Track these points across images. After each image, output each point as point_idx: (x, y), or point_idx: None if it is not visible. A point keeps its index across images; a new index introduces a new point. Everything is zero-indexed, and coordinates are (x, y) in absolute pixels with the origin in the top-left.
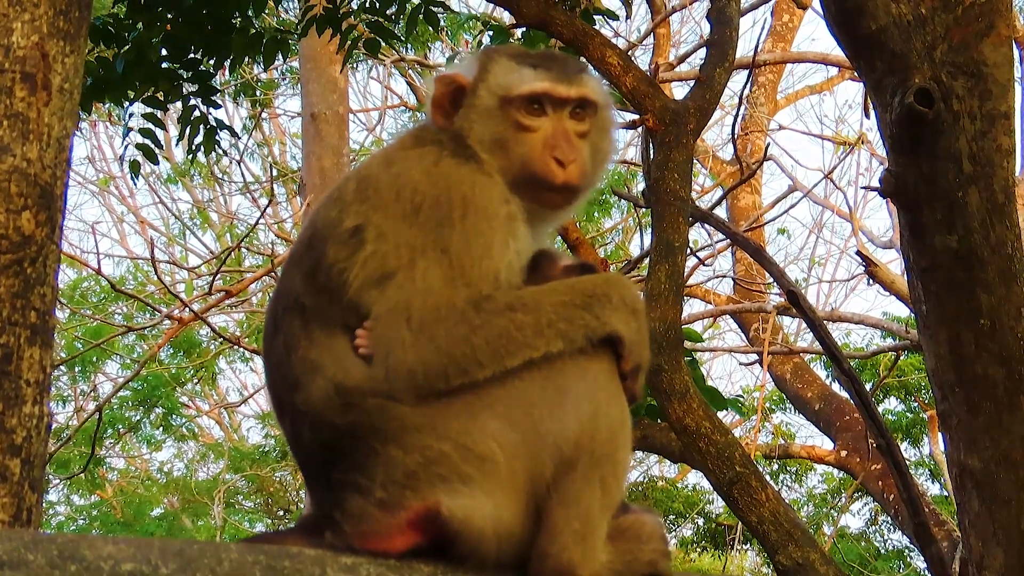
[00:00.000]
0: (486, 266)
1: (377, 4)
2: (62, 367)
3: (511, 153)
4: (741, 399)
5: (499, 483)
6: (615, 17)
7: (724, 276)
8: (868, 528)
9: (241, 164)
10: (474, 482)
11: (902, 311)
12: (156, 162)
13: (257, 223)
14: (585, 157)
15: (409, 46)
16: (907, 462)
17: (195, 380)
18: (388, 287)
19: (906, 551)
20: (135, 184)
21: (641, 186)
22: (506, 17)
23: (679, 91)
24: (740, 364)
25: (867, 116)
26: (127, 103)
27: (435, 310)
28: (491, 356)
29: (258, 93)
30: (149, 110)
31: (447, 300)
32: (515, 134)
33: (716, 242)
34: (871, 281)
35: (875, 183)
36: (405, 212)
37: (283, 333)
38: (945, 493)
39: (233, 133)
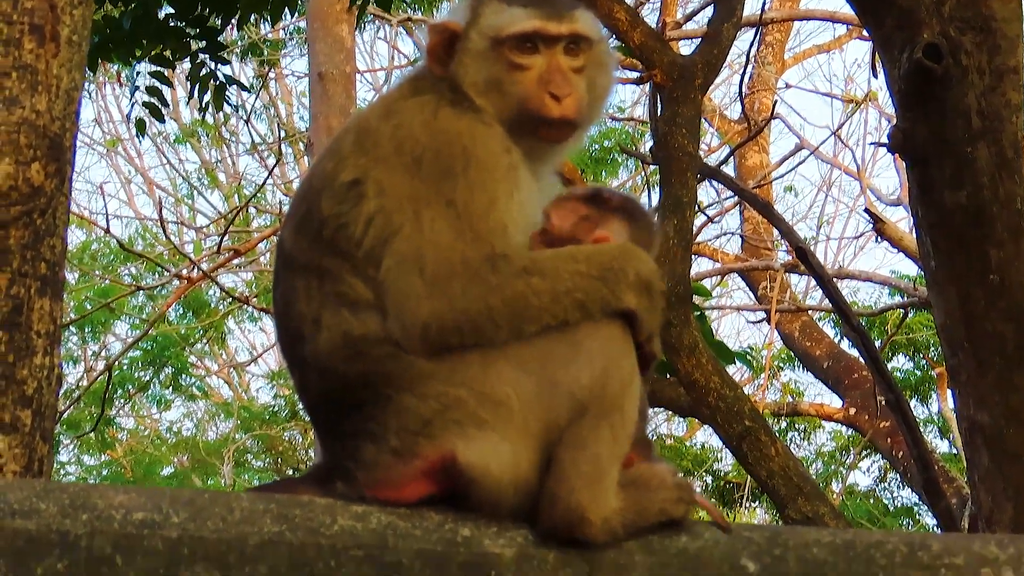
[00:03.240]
0: (493, 219)
1: None
2: (72, 328)
3: (506, 94)
4: (750, 352)
5: (514, 429)
6: None
7: (732, 234)
8: (877, 485)
9: (248, 124)
10: (489, 427)
11: (911, 269)
12: (163, 120)
13: (265, 183)
14: (581, 91)
15: (416, 6)
16: (916, 419)
17: (204, 340)
18: (395, 240)
19: (915, 508)
20: (140, 142)
21: (649, 144)
22: None
23: (686, 49)
24: (748, 322)
25: (875, 75)
26: (134, 61)
27: (448, 264)
28: (508, 319)
29: (265, 53)
30: (156, 68)
31: (460, 254)
32: (509, 74)
33: (724, 199)
34: (879, 238)
35: (884, 140)
36: (406, 165)
37: (281, 286)
38: (954, 451)
39: (242, 87)
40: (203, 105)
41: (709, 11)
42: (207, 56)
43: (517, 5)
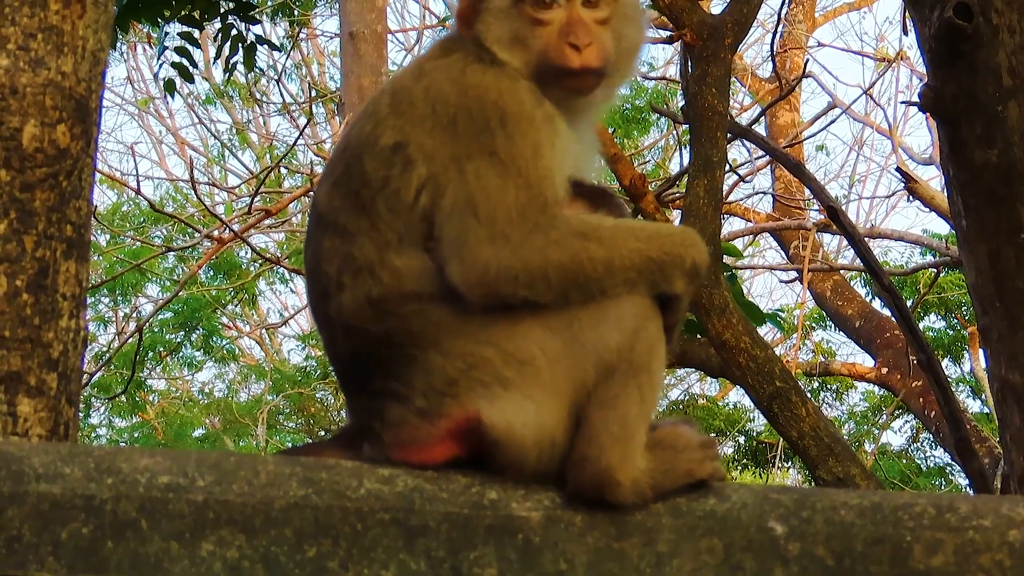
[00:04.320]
0: (541, 166)
1: None
2: (103, 289)
3: (529, 49)
4: (780, 313)
5: (540, 388)
6: None
7: (764, 193)
8: (909, 445)
9: (280, 84)
10: (514, 386)
11: (942, 228)
12: (192, 80)
13: (296, 143)
14: (605, 41)
15: None
16: (948, 379)
17: (235, 301)
18: (444, 198)
19: (947, 468)
20: (170, 101)
21: (681, 103)
22: None
23: (717, 8)
24: (780, 282)
25: (905, 33)
26: (163, 22)
27: (504, 209)
28: (561, 279)
29: (296, 13)
30: (186, 29)
31: (513, 200)
32: (531, 30)
33: (756, 159)
34: (911, 197)
35: (915, 99)
36: (444, 126)
37: (313, 245)
38: (986, 410)
39: (272, 47)
40: (231, 65)
41: None
42: (236, 17)
43: None
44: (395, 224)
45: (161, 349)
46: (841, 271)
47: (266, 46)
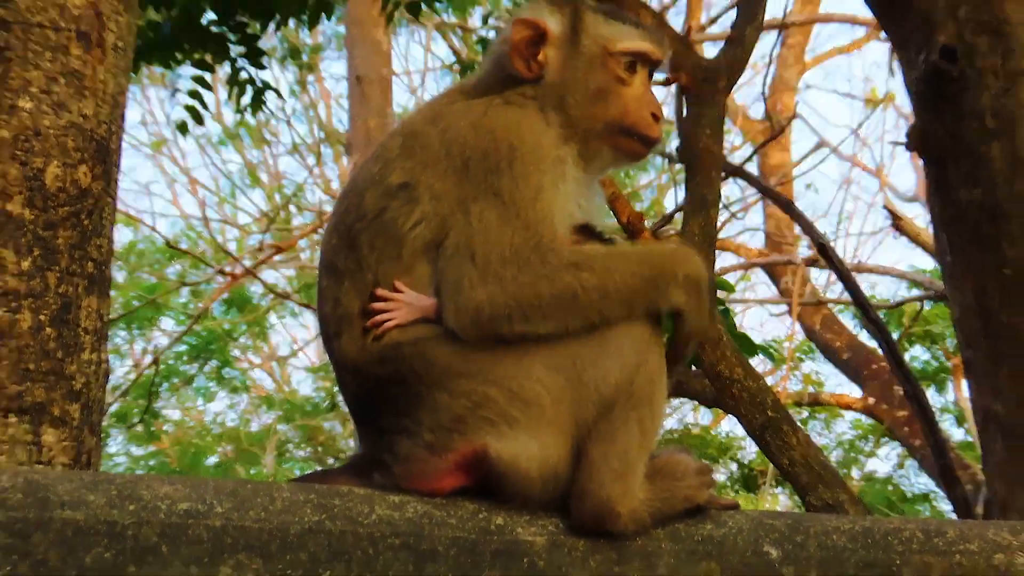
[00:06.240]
0: (540, 208)
1: None
2: (120, 324)
3: (610, 104)
4: (772, 345)
5: (545, 425)
6: None
7: (755, 230)
8: (895, 472)
9: (289, 126)
10: (520, 424)
11: (927, 263)
12: (202, 123)
13: (304, 182)
14: None
15: (449, 11)
16: (932, 408)
17: (247, 334)
18: (448, 239)
19: (932, 494)
20: (183, 141)
21: (676, 144)
22: None
23: (710, 52)
24: (771, 315)
25: (892, 75)
26: (175, 66)
27: (499, 251)
28: (556, 310)
29: (305, 57)
30: (197, 72)
31: (509, 241)
32: (616, 87)
33: (748, 196)
34: (897, 234)
35: (901, 139)
36: (456, 168)
37: (319, 287)
38: (969, 439)
39: (279, 94)
40: (241, 108)
41: (732, 15)
42: (246, 61)
43: (627, 23)
44: (370, 260)
45: (176, 380)
46: (830, 305)
47: (273, 92)
